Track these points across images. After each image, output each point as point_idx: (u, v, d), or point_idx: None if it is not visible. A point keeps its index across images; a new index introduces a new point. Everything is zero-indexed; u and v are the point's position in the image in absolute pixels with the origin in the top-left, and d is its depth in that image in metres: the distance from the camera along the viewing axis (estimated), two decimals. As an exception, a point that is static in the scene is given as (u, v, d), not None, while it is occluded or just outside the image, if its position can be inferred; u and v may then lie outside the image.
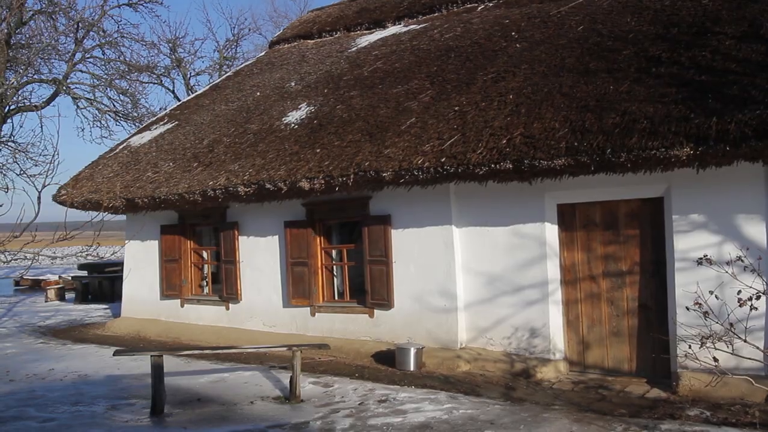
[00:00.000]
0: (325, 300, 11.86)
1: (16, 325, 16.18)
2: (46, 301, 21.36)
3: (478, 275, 10.10)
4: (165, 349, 11.08)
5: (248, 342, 11.63)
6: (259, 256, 12.54)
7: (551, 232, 9.53)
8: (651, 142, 7.58)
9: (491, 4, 13.87)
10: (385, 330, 10.91)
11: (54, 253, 11.19)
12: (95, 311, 18.33)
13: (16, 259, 11.17)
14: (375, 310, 11.04)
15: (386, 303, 10.83)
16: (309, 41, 16.82)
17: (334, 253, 12.09)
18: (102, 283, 20.97)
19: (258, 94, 14.39)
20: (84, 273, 22.18)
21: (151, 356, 8.43)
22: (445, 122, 9.81)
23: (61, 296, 21.82)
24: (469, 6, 14.29)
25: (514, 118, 9.12)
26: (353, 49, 14.74)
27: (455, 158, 9.04)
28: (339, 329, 11.41)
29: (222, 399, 8.69)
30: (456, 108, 10.03)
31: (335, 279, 12.11)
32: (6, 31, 13.81)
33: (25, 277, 27.67)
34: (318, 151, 10.76)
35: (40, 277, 26.98)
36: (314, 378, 9.54)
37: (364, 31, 15.76)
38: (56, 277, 24.78)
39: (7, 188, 9.35)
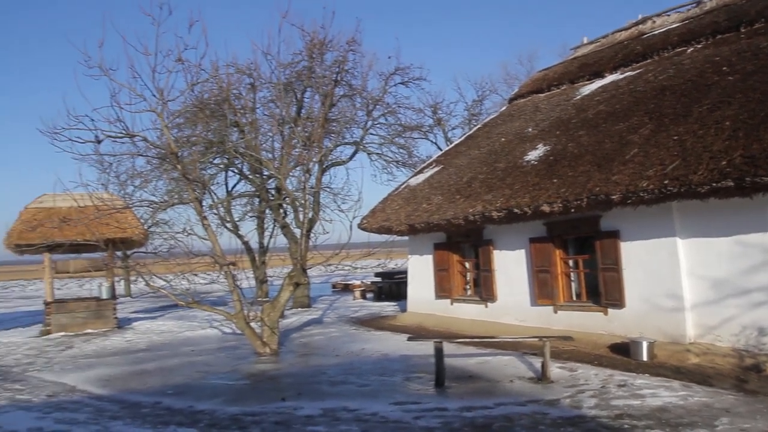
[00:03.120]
0: (565, 300, 11.30)
1: (336, 316, 17.47)
2: (353, 300, 22.78)
3: (702, 280, 8.96)
4: (441, 337, 11.21)
5: (503, 333, 11.44)
6: (510, 265, 12.34)
7: (775, 240, 8.17)
8: None
9: (700, 46, 12.41)
10: (617, 325, 10.11)
11: (358, 264, 11.99)
12: (388, 307, 19.10)
13: (336, 270, 12.18)
14: (608, 309, 10.28)
15: (618, 303, 10.03)
16: (540, 95, 16.36)
17: (570, 262, 11.51)
18: (392, 287, 21.95)
19: (503, 139, 14.26)
20: (379, 279, 23.47)
21: (434, 342, 8.62)
22: (665, 150, 8.92)
23: (363, 296, 23.22)
24: (678, 50, 12.90)
25: (732, 142, 8.02)
26: (578, 97, 14.06)
27: (677, 180, 8.16)
28: (577, 324, 10.79)
29: (487, 377, 8.61)
30: (675, 137, 9.07)
31: (572, 283, 11.51)
32: (324, 112, 15.20)
33: (339, 282, 30.08)
34: (555, 181, 10.35)
35: (348, 282, 29.04)
36: (560, 364, 9.09)
37: (586, 82, 14.96)
38: (359, 282, 26.47)
39: (330, 221, 10.24)
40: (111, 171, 21.49)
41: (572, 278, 11.50)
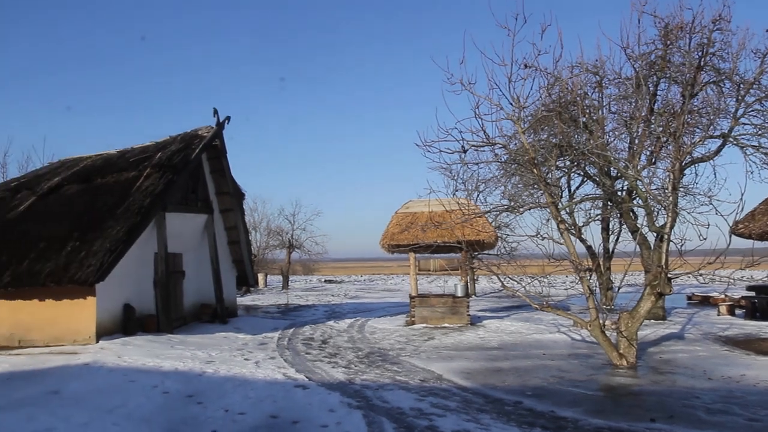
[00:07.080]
0: None
1: (699, 332, 15.63)
2: (717, 315, 20.14)
3: None
4: None
5: None
6: None
7: None
8: None
9: None
10: None
11: (732, 275, 10.46)
12: (766, 328, 16.32)
13: (710, 281, 10.88)
14: None
15: None
16: None
17: None
18: (770, 304, 18.76)
19: None
20: (752, 294, 20.25)
21: None
22: None
23: (731, 312, 20.32)
24: None
25: None
26: None
27: None
28: None
29: None
30: None
31: None
32: (685, 103, 13.71)
33: (696, 294, 26.97)
34: None
35: (708, 294, 25.90)
36: None
37: None
38: (722, 296, 23.29)
39: (706, 225, 9.17)
40: (459, 178, 23.29)
41: None
